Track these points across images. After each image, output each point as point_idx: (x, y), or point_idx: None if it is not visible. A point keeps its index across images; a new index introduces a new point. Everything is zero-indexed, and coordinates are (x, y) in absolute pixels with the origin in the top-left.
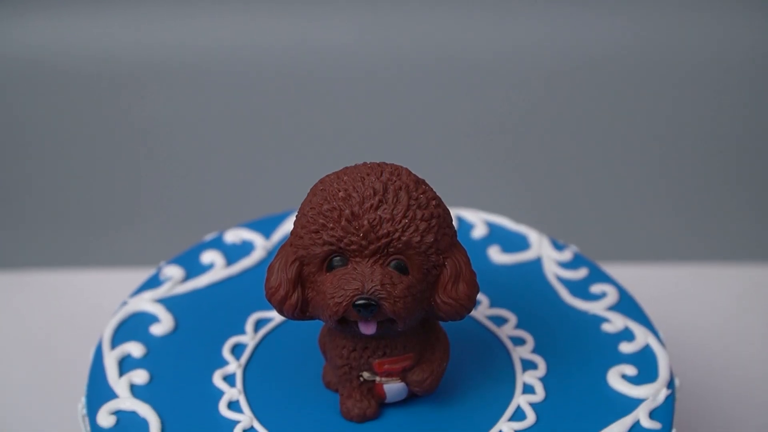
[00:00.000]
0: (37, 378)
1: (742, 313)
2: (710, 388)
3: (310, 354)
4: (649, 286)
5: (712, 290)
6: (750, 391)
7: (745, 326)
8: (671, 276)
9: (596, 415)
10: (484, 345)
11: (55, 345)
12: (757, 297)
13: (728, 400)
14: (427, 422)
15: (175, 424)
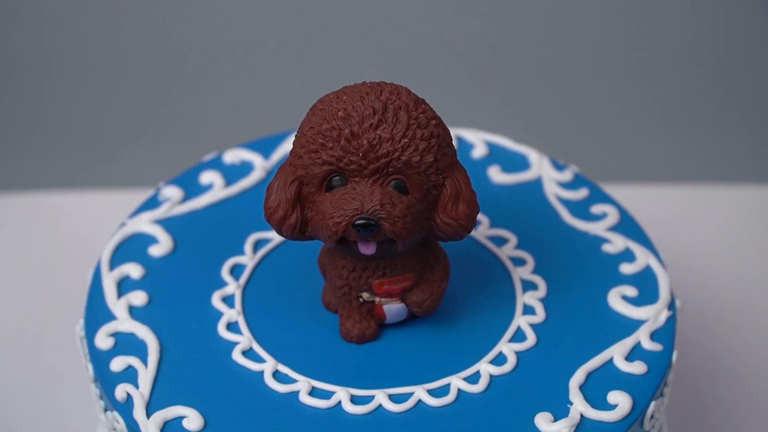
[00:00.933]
0: (36, 300)
1: (744, 234)
2: (711, 309)
3: (309, 275)
4: (650, 207)
5: (713, 211)
6: (751, 311)
7: (746, 248)
8: (673, 197)
9: (597, 336)
10: (484, 265)
11: (54, 267)
12: (759, 218)
13: (730, 322)
14: (427, 343)
15: (173, 345)
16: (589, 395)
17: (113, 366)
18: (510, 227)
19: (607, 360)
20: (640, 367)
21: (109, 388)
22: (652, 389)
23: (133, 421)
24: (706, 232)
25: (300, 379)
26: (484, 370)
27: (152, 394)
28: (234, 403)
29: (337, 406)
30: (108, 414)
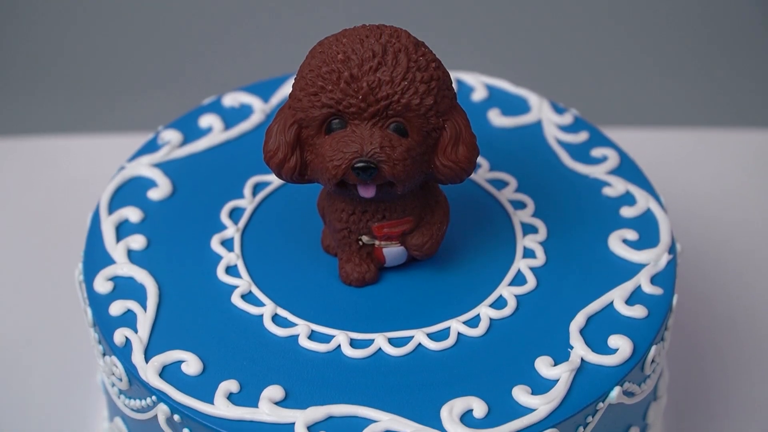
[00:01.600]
0: (35, 245)
1: (745, 179)
2: (712, 254)
3: (308, 218)
4: (650, 151)
5: (714, 156)
6: (752, 256)
7: (747, 192)
8: (673, 141)
9: (597, 280)
10: (484, 209)
11: (53, 211)
12: (761, 163)
13: (730, 266)
14: (427, 287)
15: (172, 289)
16: (590, 339)
17: (112, 310)
18: (510, 170)
19: (607, 304)
20: (640, 311)
21: (107, 333)
22: (652, 333)
23: (131, 366)
24: (707, 177)
25: (299, 322)
26: (484, 314)
27: (151, 338)
28: (233, 347)
29: (337, 349)
30: (106, 359)
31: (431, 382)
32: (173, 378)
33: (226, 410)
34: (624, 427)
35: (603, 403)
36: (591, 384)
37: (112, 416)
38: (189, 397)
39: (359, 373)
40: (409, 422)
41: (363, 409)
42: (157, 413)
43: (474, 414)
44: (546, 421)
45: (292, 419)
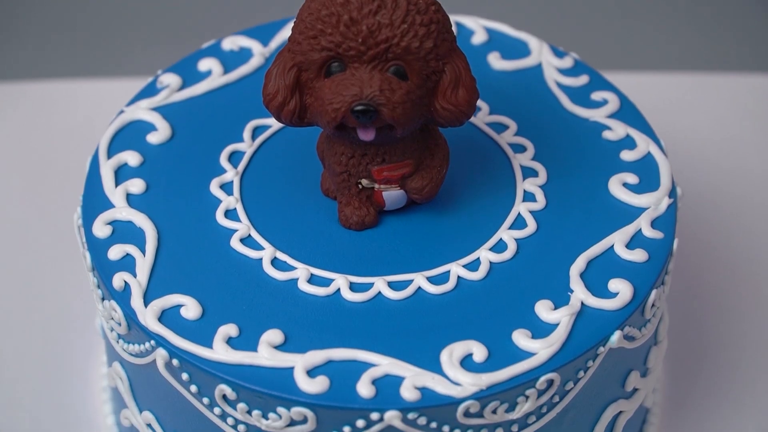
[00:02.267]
0: (34, 189)
1: (746, 123)
2: (712, 198)
3: (308, 161)
4: (650, 95)
5: (715, 100)
6: (752, 200)
7: (748, 137)
8: (674, 85)
9: (598, 224)
10: (484, 152)
11: (52, 156)
12: (762, 108)
13: (730, 210)
14: (427, 230)
15: (171, 233)
16: (590, 283)
17: (111, 254)
18: (510, 114)
19: (607, 248)
20: (640, 254)
21: (106, 277)
22: (653, 277)
23: (130, 310)
24: (707, 121)
25: (299, 266)
26: (484, 258)
27: (150, 282)
28: (232, 291)
29: (336, 293)
30: (105, 303)
31: (431, 325)
32: (172, 322)
33: (225, 355)
34: (624, 372)
35: (603, 348)
36: (591, 328)
37: (110, 361)
38: (188, 341)
39: (359, 316)
40: (408, 366)
41: (362, 353)
42: (155, 358)
43: (474, 358)
44: (546, 366)
45: (292, 363)
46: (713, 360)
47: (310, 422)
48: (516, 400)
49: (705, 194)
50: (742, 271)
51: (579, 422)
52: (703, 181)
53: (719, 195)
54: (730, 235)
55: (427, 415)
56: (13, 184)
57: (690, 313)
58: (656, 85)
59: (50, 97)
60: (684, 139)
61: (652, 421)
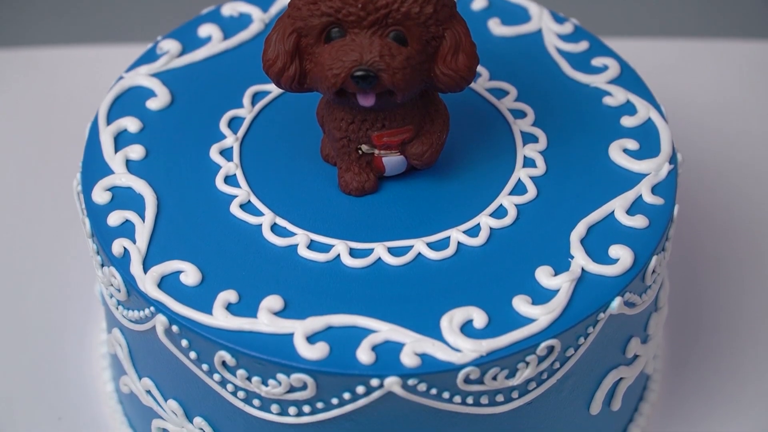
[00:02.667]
0: (33, 155)
1: (747, 90)
2: (713, 164)
3: (308, 127)
4: (651, 61)
5: (716, 66)
6: (753, 166)
7: (749, 103)
8: (675, 51)
9: (598, 189)
10: (484, 118)
11: (51, 122)
12: (761, 73)
13: (731, 176)
14: (427, 196)
15: (170, 199)
16: (590, 249)
17: (110, 221)
18: (510, 80)
19: (608, 213)
20: (641, 221)
21: (105, 243)
22: (653, 243)
23: (130, 276)
24: (708, 87)
25: (298, 232)
26: (484, 223)
27: (149, 248)
28: (232, 257)
29: (336, 259)
30: (105, 269)
31: (431, 291)
32: (172, 289)
33: (224, 321)
34: (625, 338)
35: (604, 314)
36: (592, 294)
37: (110, 327)
38: (187, 307)
39: (359, 282)
40: (408, 332)
41: (362, 319)
42: (155, 324)
43: (474, 324)
44: (546, 332)
45: (291, 329)
46: (714, 326)
47: (310, 388)
48: (516, 366)
49: (705, 160)
50: (742, 237)
51: (579, 388)
52: (704, 146)
53: (720, 161)
54: (730, 201)
55: (427, 382)
56: (12, 150)
57: (690, 279)
58: (656, 51)
59: (49, 64)
60: (684, 105)
61: (652, 388)
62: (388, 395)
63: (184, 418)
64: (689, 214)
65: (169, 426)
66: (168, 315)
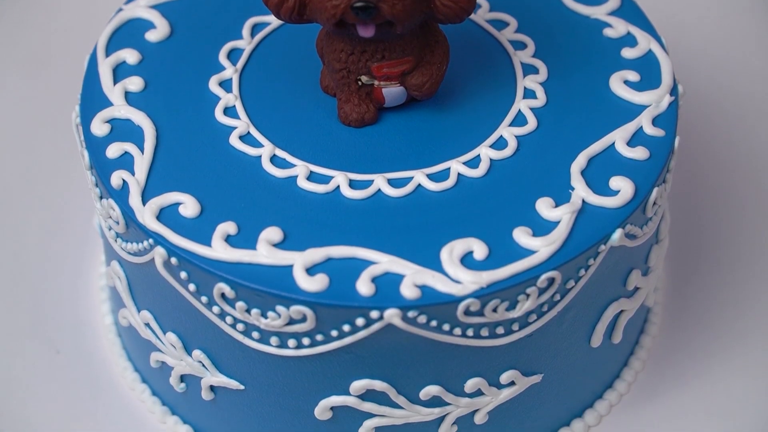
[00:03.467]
0: (32, 88)
1: (747, 20)
2: (714, 95)
3: (307, 58)
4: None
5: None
6: (754, 98)
7: (750, 35)
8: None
9: (598, 121)
10: (484, 49)
11: (50, 54)
12: (763, 4)
13: (732, 108)
14: (427, 128)
15: (170, 131)
16: (591, 181)
17: (109, 153)
18: (510, 11)
19: (608, 145)
20: (642, 152)
21: (104, 176)
22: (654, 175)
23: (128, 208)
24: (708, 18)
25: (298, 163)
26: (485, 155)
27: (148, 180)
28: (231, 189)
29: (336, 190)
30: (103, 202)
31: (431, 223)
32: (170, 220)
33: (223, 253)
34: (626, 271)
35: (605, 246)
36: (592, 226)
37: (109, 260)
38: (186, 239)
39: (358, 214)
40: (408, 264)
41: (362, 251)
42: (154, 256)
43: (474, 256)
44: (547, 264)
45: (291, 261)
46: (714, 259)
47: (309, 321)
48: (517, 298)
49: (707, 91)
50: (743, 169)
51: (580, 321)
52: (705, 78)
53: (721, 92)
54: (731, 132)
55: (427, 314)
56: (11, 82)
57: (691, 211)
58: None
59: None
60: (685, 36)
61: (653, 321)
62: (387, 327)
63: (183, 350)
64: (690, 146)
65: (168, 359)
66: (167, 247)
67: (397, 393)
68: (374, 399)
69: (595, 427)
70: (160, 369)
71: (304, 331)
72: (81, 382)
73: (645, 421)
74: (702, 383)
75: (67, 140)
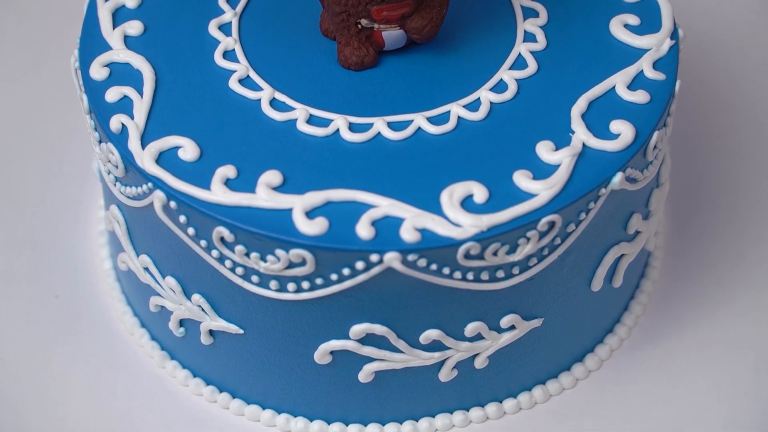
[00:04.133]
0: (30, 31)
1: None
2: (714, 39)
3: (307, 1)
4: None
5: None
6: (754, 42)
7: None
8: None
9: (599, 65)
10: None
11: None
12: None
13: (733, 52)
14: (427, 71)
15: (169, 74)
16: (591, 124)
17: (108, 97)
18: None
19: (609, 89)
20: (642, 96)
21: (103, 119)
22: (655, 119)
23: (127, 152)
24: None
25: (297, 106)
26: (485, 98)
27: (147, 124)
28: (230, 132)
29: (335, 134)
30: (102, 146)
31: (431, 166)
32: (170, 164)
33: (223, 196)
34: (626, 215)
35: (605, 189)
36: (593, 169)
37: (108, 204)
38: (185, 183)
39: (358, 157)
40: (408, 207)
41: (362, 194)
42: (153, 200)
43: (474, 199)
44: (547, 207)
45: (290, 204)
46: (715, 202)
47: (309, 264)
48: (517, 242)
49: (707, 35)
50: (744, 113)
51: (581, 265)
52: (706, 22)
53: (722, 36)
54: (732, 76)
55: (427, 257)
56: (9, 26)
57: (692, 155)
58: None
59: None
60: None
61: (654, 265)
62: (387, 271)
63: (182, 295)
64: (691, 90)
65: (167, 303)
66: (166, 191)
67: (397, 337)
68: (374, 343)
69: (596, 371)
70: (159, 313)
71: (303, 274)
72: (79, 326)
73: (646, 365)
74: (702, 327)
75: (66, 84)
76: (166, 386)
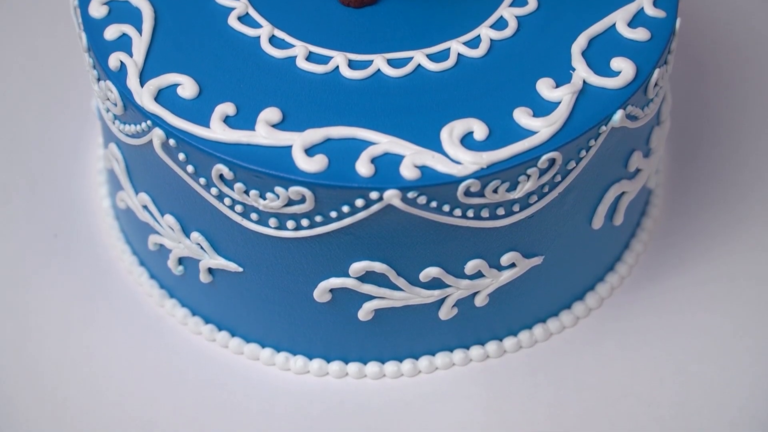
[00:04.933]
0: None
1: None
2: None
3: None
4: None
5: None
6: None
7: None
8: None
9: (599, 2)
10: None
11: None
12: None
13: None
14: (427, 8)
15: (168, 12)
16: (592, 61)
17: (107, 34)
18: None
19: (609, 26)
20: (643, 33)
21: (102, 57)
22: (655, 56)
23: (126, 90)
24: None
25: (297, 44)
26: (485, 35)
27: (146, 61)
28: (229, 70)
29: (335, 71)
30: (101, 84)
31: (431, 103)
32: (168, 102)
33: (222, 134)
34: (627, 152)
35: (606, 127)
36: (593, 107)
37: (106, 142)
38: (184, 120)
39: (358, 94)
40: (408, 144)
41: (361, 131)
42: (152, 138)
43: (474, 136)
44: (548, 144)
45: (290, 142)
46: (715, 140)
47: (308, 201)
48: (517, 179)
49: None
50: (746, 51)
51: (581, 202)
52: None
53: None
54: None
55: (427, 194)
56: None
57: (693, 93)
58: None
59: None
60: None
61: (654, 203)
62: (387, 208)
63: (181, 233)
64: (691, 28)
65: (166, 241)
66: (165, 128)
67: (397, 275)
68: (374, 281)
69: (597, 309)
70: (159, 252)
71: (302, 212)
72: (79, 265)
73: (646, 303)
74: (703, 265)
75: (64, 22)
76: (164, 325)
